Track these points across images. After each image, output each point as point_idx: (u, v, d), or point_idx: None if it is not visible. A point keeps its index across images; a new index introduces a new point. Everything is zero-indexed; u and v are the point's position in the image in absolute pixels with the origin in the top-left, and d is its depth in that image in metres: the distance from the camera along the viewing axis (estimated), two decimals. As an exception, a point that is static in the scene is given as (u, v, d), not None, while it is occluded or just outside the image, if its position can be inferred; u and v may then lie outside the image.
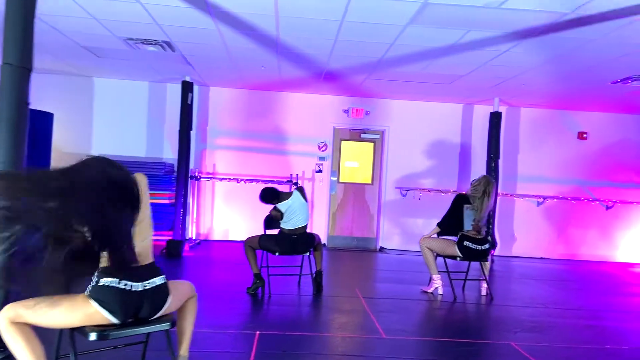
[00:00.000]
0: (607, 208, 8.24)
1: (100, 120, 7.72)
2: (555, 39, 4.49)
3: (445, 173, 8.21)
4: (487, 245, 4.82)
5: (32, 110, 2.91)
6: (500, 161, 7.96)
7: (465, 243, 4.73)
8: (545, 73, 5.80)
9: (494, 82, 6.47)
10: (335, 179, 8.20)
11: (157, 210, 7.25)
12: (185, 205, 7.13)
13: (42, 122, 6.40)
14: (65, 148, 7.39)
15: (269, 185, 4.89)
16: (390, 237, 8.25)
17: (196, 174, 7.61)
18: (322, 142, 8.10)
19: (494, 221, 7.64)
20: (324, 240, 8.14)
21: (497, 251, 7.90)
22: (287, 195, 4.52)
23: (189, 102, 7.07)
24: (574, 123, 8.27)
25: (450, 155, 8.22)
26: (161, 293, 2.11)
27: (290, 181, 7.67)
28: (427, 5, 3.85)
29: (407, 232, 8.13)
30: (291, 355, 2.88)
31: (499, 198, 8.06)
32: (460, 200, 4.85)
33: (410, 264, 6.77)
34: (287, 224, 4.44)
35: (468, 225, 4.77)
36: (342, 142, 8.26)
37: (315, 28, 4.55)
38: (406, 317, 3.98)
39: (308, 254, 4.58)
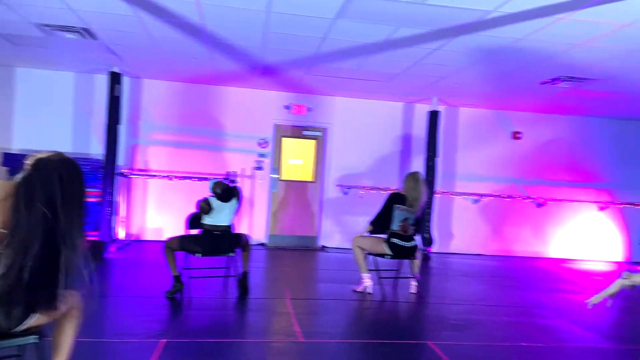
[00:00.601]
0: (539, 206, 8.51)
1: (22, 113, 7.20)
2: (482, 38, 4.51)
3: (387, 171, 8.21)
4: (414, 243, 4.80)
5: None
6: (440, 160, 8.05)
7: (393, 240, 4.69)
8: (476, 73, 5.86)
9: (430, 81, 6.49)
10: (276, 176, 8.03)
11: (83, 209, 6.83)
12: (112, 203, 6.75)
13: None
14: (-20, 142, 6.85)
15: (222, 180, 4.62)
16: (331, 236, 8.17)
17: (125, 170, 7.22)
18: (262, 139, 7.90)
19: (431, 219, 7.72)
20: (264, 239, 7.96)
21: (435, 248, 7.98)
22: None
23: (116, 94, 6.69)
24: (509, 123, 8.48)
25: (391, 153, 8.23)
26: None
27: (227, 179, 7.41)
28: (352, -2, 3.75)
29: (349, 230, 8.06)
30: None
31: (437, 196, 8.15)
32: (393, 199, 4.80)
33: (350, 262, 6.65)
34: (210, 219, 4.23)
35: (396, 225, 4.73)
36: (283, 138, 8.09)
37: (242, 18, 4.36)
38: (331, 318, 3.88)
39: (233, 254, 4.39)
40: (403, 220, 4.73)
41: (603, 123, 8.62)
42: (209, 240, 4.20)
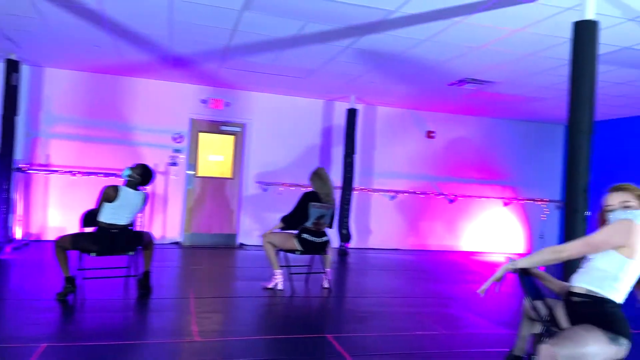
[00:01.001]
0: (450, 201, 8.92)
1: None
2: (387, 37, 4.63)
3: (307, 168, 8.17)
4: (325, 238, 4.84)
5: None
6: (358, 157, 8.21)
7: (304, 236, 4.70)
8: (386, 73, 6.02)
9: (346, 79, 6.58)
10: (192, 172, 7.78)
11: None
12: (8, 201, 6.22)
13: None
14: None
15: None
16: (250, 233, 8.06)
17: (23, 165, 6.68)
18: (177, 134, 7.63)
19: (349, 215, 7.84)
20: (179, 238, 7.69)
21: (353, 244, 8.12)
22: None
23: (13, 83, 6.16)
24: (424, 122, 8.82)
25: (311, 150, 8.27)
26: None
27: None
28: (257, -10, 3.69)
29: (268, 227, 7.97)
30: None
31: (356, 192, 8.31)
32: (308, 198, 4.80)
33: (266, 260, 6.63)
34: (108, 216, 3.99)
35: (310, 222, 4.75)
36: (200, 134, 7.86)
37: (144, 4, 4.16)
38: (234, 316, 3.81)
39: (133, 253, 4.18)
40: (318, 218, 4.76)
41: (508, 124, 9.21)
42: (105, 239, 3.95)
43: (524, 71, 5.60)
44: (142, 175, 4.14)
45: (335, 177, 8.18)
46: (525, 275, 2.13)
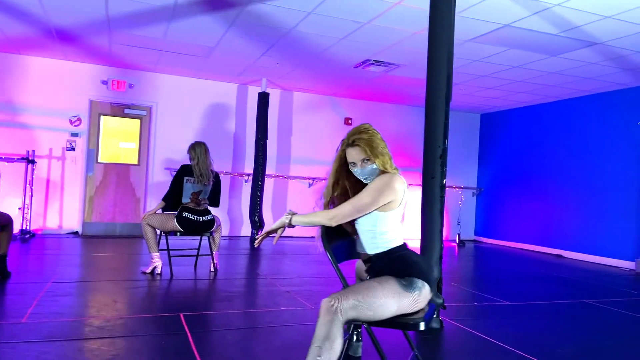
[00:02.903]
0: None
1: None
2: (273, 9, 4.44)
3: (220, 154, 7.94)
4: (209, 217, 4.60)
5: None
6: (273, 143, 8.02)
7: (184, 214, 4.45)
8: (285, 52, 5.85)
9: (249, 60, 6.37)
10: (93, 158, 7.32)
11: None
12: None
13: None
14: None
15: None
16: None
17: None
18: (74, 116, 7.14)
19: (261, 202, 7.63)
20: (78, 227, 7.22)
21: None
22: None
23: None
24: (341, 109, 8.75)
25: (225, 135, 8.00)
26: None
27: (26, 159, 6.58)
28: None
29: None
30: None
31: (272, 179, 8.12)
32: (182, 172, 4.54)
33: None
34: None
35: (186, 198, 4.50)
36: (102, 117, 7.41)
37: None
38: (86, 298, 3.52)
39: None
40: (195, 194, 4.51)
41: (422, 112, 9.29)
42: None
43: (422, 53, 5.58)
44: None
45: (248, 163, 7.96)
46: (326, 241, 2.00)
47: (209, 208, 4.68)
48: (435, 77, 3.08)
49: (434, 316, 2.47)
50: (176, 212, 4.51)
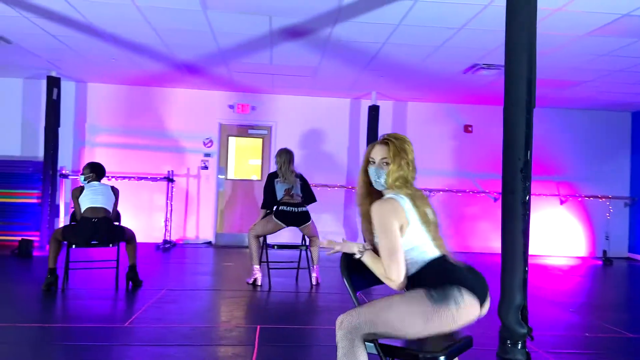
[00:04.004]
0: (495, 200, 8.31)
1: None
2: (360, 26, 4.48)
3: (337, 168, 8.17)
4: (304, 208, 4.88)
5: None
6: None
7: (280, 208, 4.77)
8: (383, 66, 5.80)
9: (352, 76, 6.48)
10: (222, 177, 8.11)
11: (25, 210, 7.08)
12: (52, 204, 6.95)
13: None
14: None
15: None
16: (281, 234, 8.14)
17: (66, 172, 7.42)
18: (207, 138, 8.00)
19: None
20: (211, 238, 8.02)
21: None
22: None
23: (54, 97, 6.91)
24: (459, 116, 8.34)
25: (339, 149, 8.20)
26: None
27: (167, 178, 7.55)
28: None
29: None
30: None
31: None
32: (271, 178, 4.95)
33: (285, 257, 6.70)
34: (86, 204, 4.28)
35: (280, 194, 4.81)
36: (230, 138, 8.18)
37: (116, 13, 4.46)
38: (193, 307, 3.91)
39: (112, 245, 4.45)
40: (285, 190, 4.83)
41: (556, 113, 8.37)
42: (87, 229, 4.24)
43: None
44: (93, 170, 4.47)
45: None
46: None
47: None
48: (513, 81, 2.81)
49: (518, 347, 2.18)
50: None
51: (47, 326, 3.34)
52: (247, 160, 8.32)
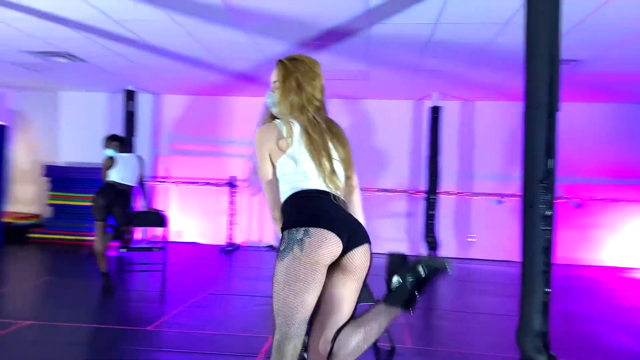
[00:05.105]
0: (577, 206, 7.54)
1: (66, 131, 8.39)
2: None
3: (396, 173, 7.95)
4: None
5: None
6: (453, 157, 7.64)
7: None
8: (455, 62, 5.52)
9: (405, 77, 6.25)
10: (285, 180, 8.25)
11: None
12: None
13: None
14: (32, 156, 8.24)
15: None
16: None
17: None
18: (269, 144, 8.18)
19: (435, 220, 7.30)
20: (273, 241, 8.20)
21: (445, 253, 7.52)
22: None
23: (130, 109, 7.51)
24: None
25: (400, 154, 7.96)
26: None
27: (229, 183, 7.85)
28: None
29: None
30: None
31: (452, 197, 7.70)
32: None
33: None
34: (114, 177, 4.66)
35: None
36: (292, 143, 8.30)
37: (168, 30, 4.72)
38: (220, 314, 4.00)
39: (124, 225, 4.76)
40: None
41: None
42: (111, 192, 4.61)
43: (599, 44, 4.55)
44: (116, 140, 4.83)
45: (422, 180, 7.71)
46: None
47: None
48: (532, 81, 2.53)
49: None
50: None
51: (82, 326, 3.62)
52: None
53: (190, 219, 8.15)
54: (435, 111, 7.26)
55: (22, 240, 7.47)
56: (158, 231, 7.67)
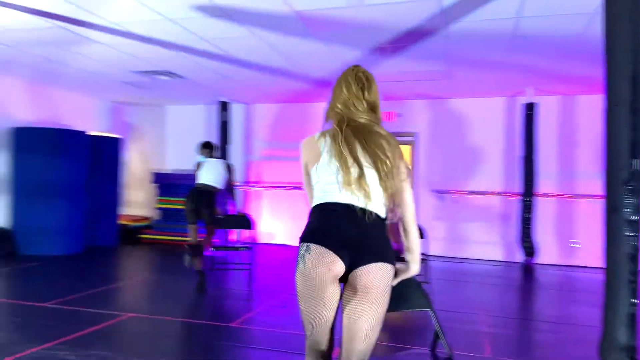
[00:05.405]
0: None
1: (172, 141, 9.21)
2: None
3: (488, 174, 7.61)
4: None
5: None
6: (552, 157, 7.14)
7: None
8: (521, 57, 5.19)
9: (496, 72, 5.96)
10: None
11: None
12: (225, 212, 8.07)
13: (112, 146, 8.06)
14: (144, 164, 9.16)
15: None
16: (430, 243, 7.95)
17: (236, 183, 8.51)
18: (356, 148, 8.27)
19: (531, 224, 6.85)
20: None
21: (545, 259, 7.03)
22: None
23: (223, 119, 8.04)
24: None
25: (492, 153, 7.60)
26: None
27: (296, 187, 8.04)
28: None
29: (446, 236, 7.76)
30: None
31: (553, 199, 7.18)
32: None
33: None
34: (198, 180, 5.11)
35: None
36: (378, 146, 8.30)
37: (246, 44, 5.02)
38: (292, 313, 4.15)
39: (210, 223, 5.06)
40: None
41: None
42: (194, 194, 5.00)
43: None
44: (205, 147, 5.23)
45: (517, 181, 7.27)
46: None
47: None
48: (615, 77, 2.33)
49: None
50: None
51: (174, 319, 3.97)
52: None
53: (279, 222, 8.51)
54: (530, 108, 6.83)
55: (134, 240, 8.33)
56: (249, 233, 8.15)
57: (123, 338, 3.41)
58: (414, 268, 1.78)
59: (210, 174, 5.14)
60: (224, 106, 8.05)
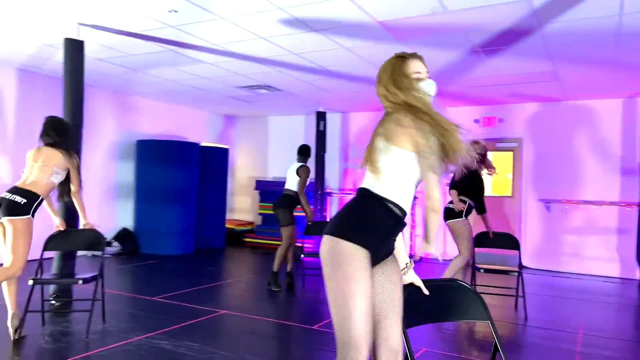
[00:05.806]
0: None
1: (273, 150, 9.73)
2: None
3: (601, 182, 6.93)
4: None
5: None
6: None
7: None
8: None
9: (618, 72, 5.44)
10: (471, 192, 7.95)
11: (299, 222, 8.68)
12: (321, 217, 8.32)
13: (220, 155, 8.74)
14: (248, 172, 9.79)
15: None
16: (533, 255, 7.45)
17: (330, 190, 8.72)
18: (453, 155, 8.03)
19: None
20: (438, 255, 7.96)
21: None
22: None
23: (320, 128, 8.31)
24: None
25: (606, 160, 6.91)
26: None
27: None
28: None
29: (554, 249, 7.20)
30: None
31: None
32: None
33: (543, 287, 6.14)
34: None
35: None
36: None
37: (340, 57, 5.17)
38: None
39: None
40: None
41: None
42: (275, 201, 5.40)
43: None
44: (298, 152, 5.54)
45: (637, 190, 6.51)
46: None
47: None
48: None
49: None
50: None
51: (260, 319, 4.21)
52: (507, 174, 7.88)
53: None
54: (650, 108, 6.10)
55: (239, 243, 8.92)
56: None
57: (213, 332, 3.72)
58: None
59: (287, 178, 5.41)
60: (320, 116, 8.33)
